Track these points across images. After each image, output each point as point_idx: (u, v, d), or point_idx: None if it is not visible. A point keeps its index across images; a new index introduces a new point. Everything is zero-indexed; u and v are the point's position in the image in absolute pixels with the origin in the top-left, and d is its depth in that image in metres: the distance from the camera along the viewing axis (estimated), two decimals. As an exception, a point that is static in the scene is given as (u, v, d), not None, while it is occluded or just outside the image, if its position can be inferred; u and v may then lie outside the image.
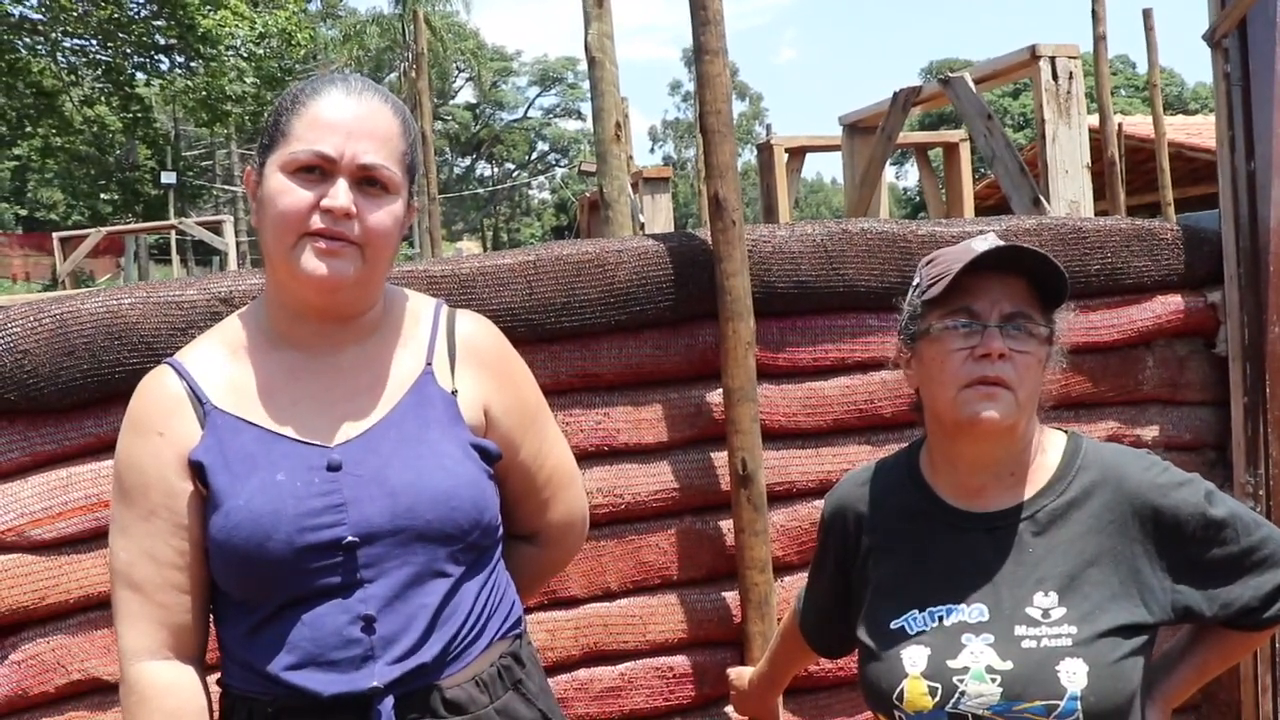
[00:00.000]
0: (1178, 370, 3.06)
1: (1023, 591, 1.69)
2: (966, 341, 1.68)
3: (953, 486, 1.79)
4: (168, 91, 25.30)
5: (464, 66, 56.88)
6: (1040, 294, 1.73)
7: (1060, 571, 1.69)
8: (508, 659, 1.73)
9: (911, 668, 1.70)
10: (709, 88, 2.64)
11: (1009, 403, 1.67)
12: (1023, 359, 1.68)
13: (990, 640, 1.66)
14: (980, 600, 1.70)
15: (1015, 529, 1.73)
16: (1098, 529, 1.70)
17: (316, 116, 1.61)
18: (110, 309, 2.38)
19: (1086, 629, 1.64)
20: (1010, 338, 1.68)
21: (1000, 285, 1.70)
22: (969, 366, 1.67)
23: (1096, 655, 1.63)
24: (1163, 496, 1.70)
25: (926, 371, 1.74)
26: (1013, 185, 5.19)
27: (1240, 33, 3.02)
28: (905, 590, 1.77)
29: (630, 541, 2.67)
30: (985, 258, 1.68)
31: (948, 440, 1.76)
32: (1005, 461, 1.75)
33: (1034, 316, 1.71)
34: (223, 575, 1.63)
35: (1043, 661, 1.63)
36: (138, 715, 1.61)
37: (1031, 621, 1.66)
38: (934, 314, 1.72)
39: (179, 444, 1.64)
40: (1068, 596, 1.67)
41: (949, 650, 1.68)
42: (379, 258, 1.64)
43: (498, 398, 1.78)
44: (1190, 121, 16.01)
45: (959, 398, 1.68)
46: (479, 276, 2.55)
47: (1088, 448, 1.78)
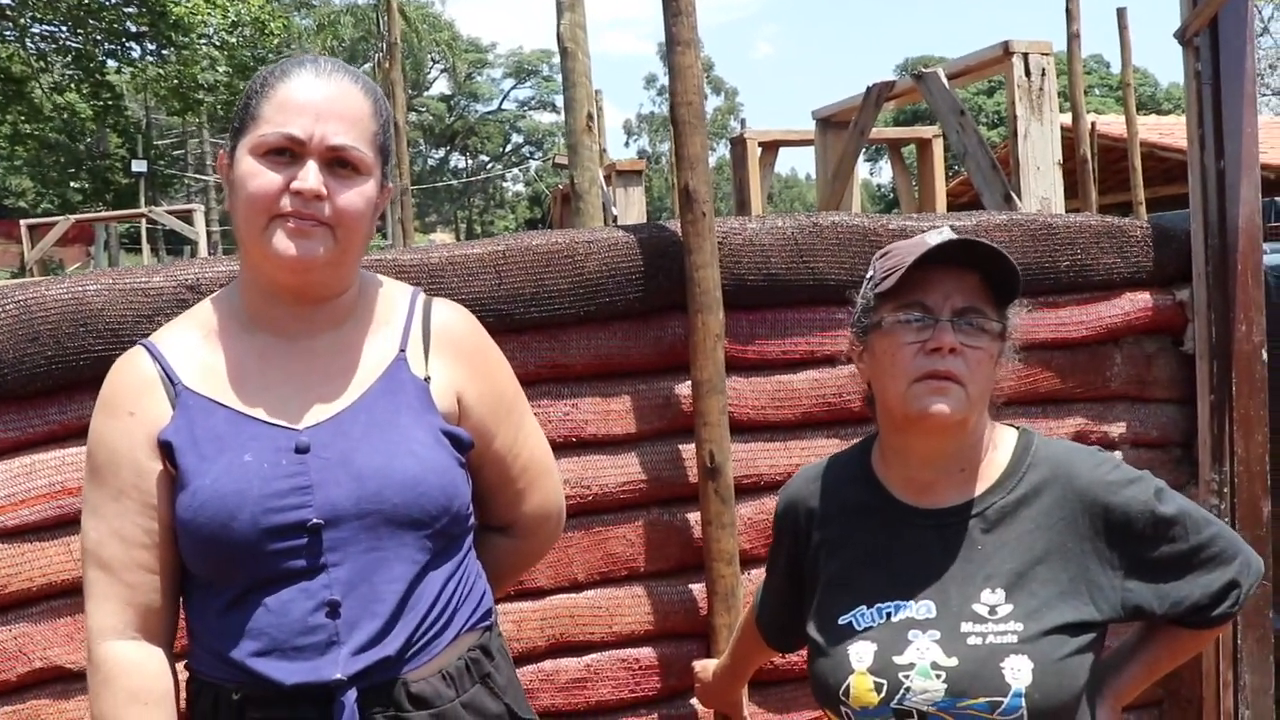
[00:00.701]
0: (1145, 367, 3.07)
1: (970, 588, 1.69)
2: (918, 335, 1.68)
3: (903, 482, 1.78)
4: (139, 79, 25.14)
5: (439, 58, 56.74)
6: (994, 289, 1.73)
7: (1008, 569, 1.69)
8: (476, 652, 1.72)
9: (858, 663, 1.69)
10: (680, 79, 2.63)
11: (959, 397, 1.66)
12: (974, 354, 1.68)
13: (937, 637, 1.66)
14: (928, 597, 1.70)
15: (964, 526, 1.73)
16: (1047, 526, 1.70)
17: (286, 99, 1.61)
18: (76, 295, 2.35)
19: (1033, 626, 1.64)
20: (962, 332, 1.67)
21: (953, 280, 1.70)
22: (920, 360, 1.67)
23: (1042, 652, 1.63)
24: (1112, 494, 1.70)
25: (878, 365, 1.74)
26: (984, 181, 5.21)
27: (1212, 31, 3.03)
28: (854, 586, 1.77)
29: (597, 533, 2.66)
30: (939, 251, 1.68)
31: (898, 434, 1.76)
32: (955, 457, 1.75)
33: (986, 312, 1.71)
34: (189, 555, 1.63)
35: (987, 658, 1.63)
36: (102, 694, 1.61)
37: (978, 618, 1.66)
38: (886, 307, 1.72)
39: (149, 424, 1.64)
40: (1015, 594, 1.67)
41: (895, 646, 1.68)
42: (350, 238, 1.64)
43: (472, 386, 1.77)
44: (1163, 121, 16.10)
45: (909, 391, 1.67)
46: (448, 266, 2.54)
47: (1038, 445, 1.78)
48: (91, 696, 1.63)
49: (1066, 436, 2.97)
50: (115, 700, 1.60)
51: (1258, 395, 3.03)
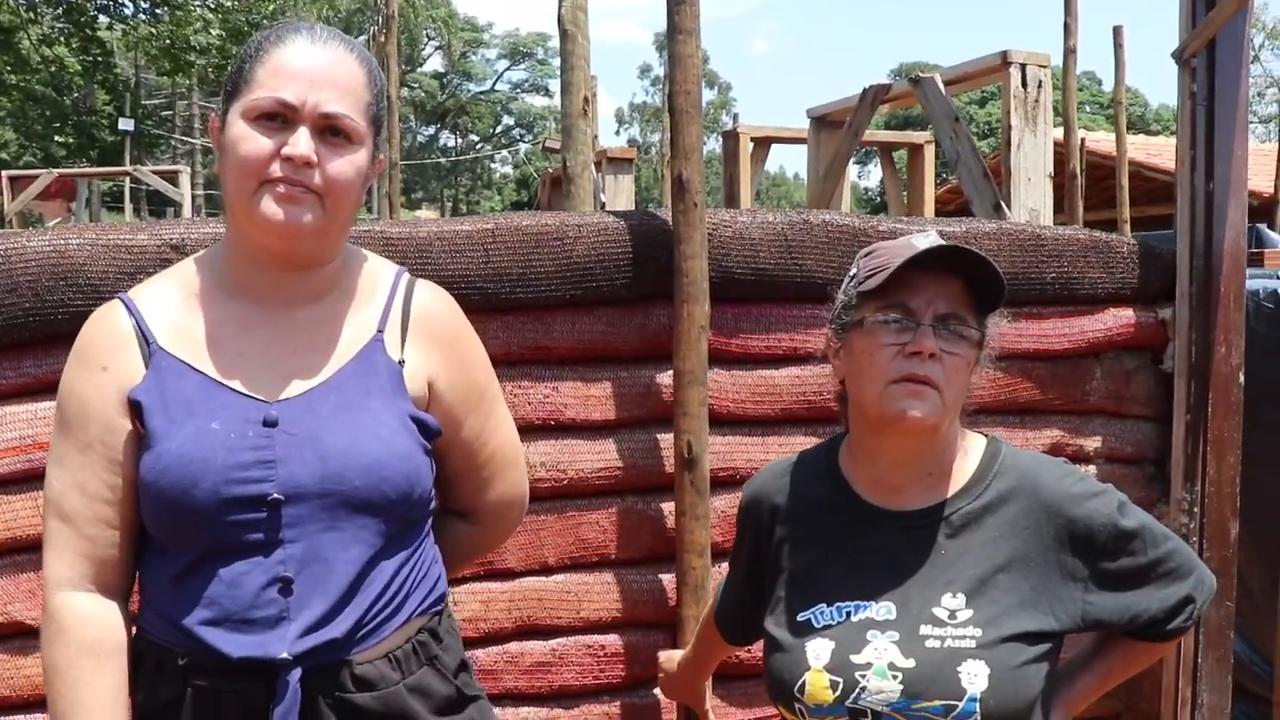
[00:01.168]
0: (1124, 383, 3.09)
1: (931, 592, 1.69)
2: (898, 337, 1.68)
3: (871, 482, 1.78)
4: (130, 37, 24.92)
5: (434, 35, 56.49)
6: (976, 297, 1.73)
7: (970, 574, 1.69)
8: (424, 635, 1.72)
9: (815, 661, 1.69)
10: (680, 67, 2.62)
11: (935, 402, 1.67)
12: (952, 360, 1.68)
13: (895, 638, 1.67)
14: (889, 598, 1.70)
15: (929, 529, 1.73)
16: (1011, 534, 1.71)
17: (280, 64, 1.60)
18: (57, 248, 2.33)
19: (991, 632, 1.65)
20: (942, 338, 1.67)
21: (937, 285, 1.70)
22: (898, 362, 1.67)
23: (999, 659, 1.63)
24: (1076, 505, 1.71)
25: (855, 363, 1.74)
26: (975, 189, 5.22)
27: (1209, 53, 3.05)
28: (815, 584, 1.77)
29: (571, 518, 2.66)
30: (925, 255, 1.68)
31: (870, 434, 1.76)
32: (925, 461, 1.75)
33: (967, 319, 1.71)
34: (148, 517, 1.63)
35: (945, 661, 1.63)
36: (55, 644, 1.60)
37: (937, 622, 1.67)
38: (868, 306, 1.72)
39: (121, 380, 1.63)
40: (975, 599, 1.67)
41: (853, 645, 1.68)
42: (339, 207, 1.63)
43: (445, 373, 1.77)
44: (1151, 141, 16.22)
45: (886, 392, 1.67)
46: (436, 241, 2.52)
47: (1006, 453, 1.79)
48: (44, 645, 1.62)
49: (1043, 447, 2.98)
50: (68, 651, 1.60)
51: (1233, 417, 3.05)
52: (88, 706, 1.58)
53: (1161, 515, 3.11)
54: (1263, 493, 3.18)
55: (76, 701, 1.58)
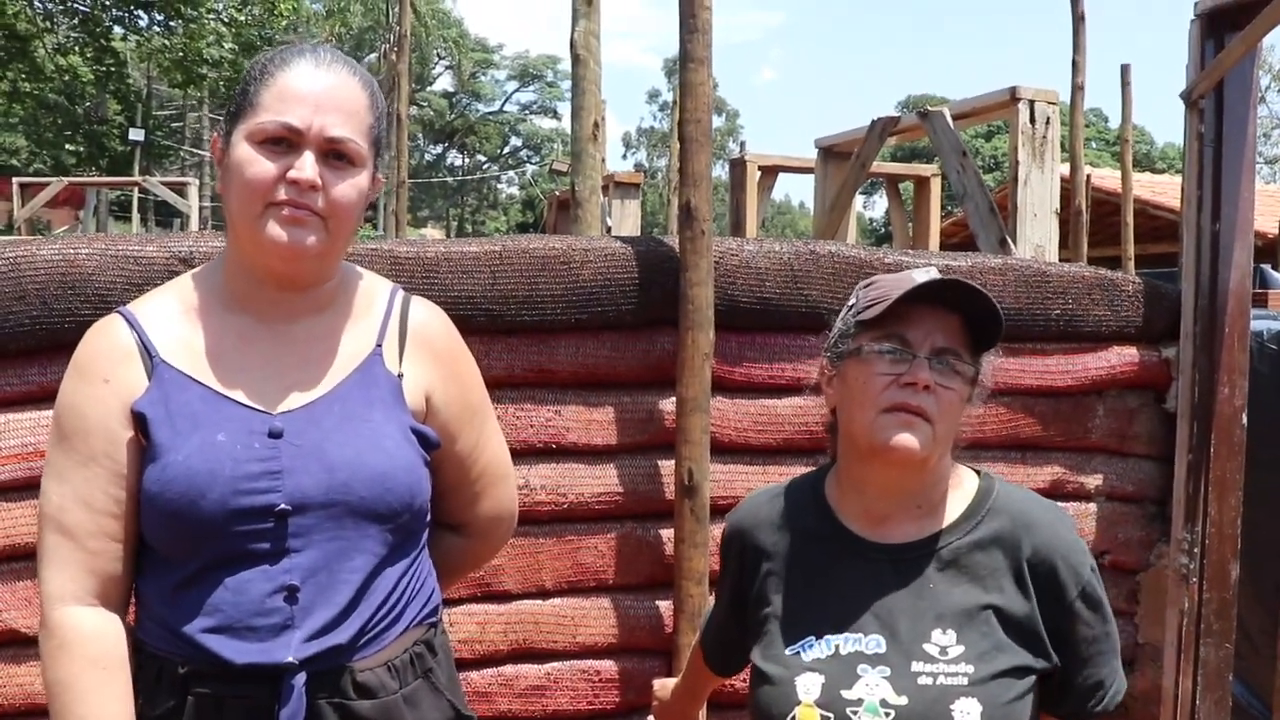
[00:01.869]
0: (1127, 422, 3.09)
1: (921, 627, 1.68)
2: (894, 368, 1.67)
3: (858, 513, 1.77)
4: (144, 48, 25.06)
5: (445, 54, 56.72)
6: (973, 334, 1.73)
7: (959, 610, 1.68)
8: (420, 647, 1.73)
9: (805, 695, 1.67)
10: (691, 96, 2.64)
11: (926, 433, 1.66)
12: (946, 394, 1.67)
13: (886, 673, 1.65)
14: (878, 632, 1.69)
15: (919, 563, 1.72)
16: (1000, 573, 1.69)
17: (285, 88, 1.62)
18: (66, 258, 2.34)
19: (983, 669, 1.63)
20: (937, 372, 1.67)
21: (935, 319, 1.70)
22: (892, 392, 1.66)
23: (991, 695, 1.62)
24: (1063, 558, 1.69)
25: (848, 391, 1.73)
26: (981, 224, 5.23)
27: (1217, 95, 3.06)
28: (803, 616, 1.75)
29: (569, 541, 2.65)
30: (925, 289, 1.68)
31: (860, 464, 1.75)
32: (914, 493, 1.74)
33: (963, 355, 1.70)
34: (152, 529, 1.62)
35: (938, 699, 1.62)
36: (59, 659, 1.59)
37: (929, 658, 1.65)
38: (866, 336, 1.71)
39: (124, 393, 1.63)
40: (965, 635, 1.66)
41: (844, 680, 1.66)
42: (341, 229, 1.65)
43: (441, 387, 1.78)
44: (1157, 180, 16.24)
45: (877, 421, 1.66)
46: (444, 261, 2.53)
47: (1000, 491, 1.77)
48: (46, 662, 1.61)
49: (1044, 484, 2.98)
50: (73, 666, 1.58)
51: (1235, 458, 3.04)
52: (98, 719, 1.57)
53: (1162, 555, 3.10)
54: (1263, 535, 3.17)
55: (85, 716, 1.57)
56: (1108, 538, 3.06)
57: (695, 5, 2.62)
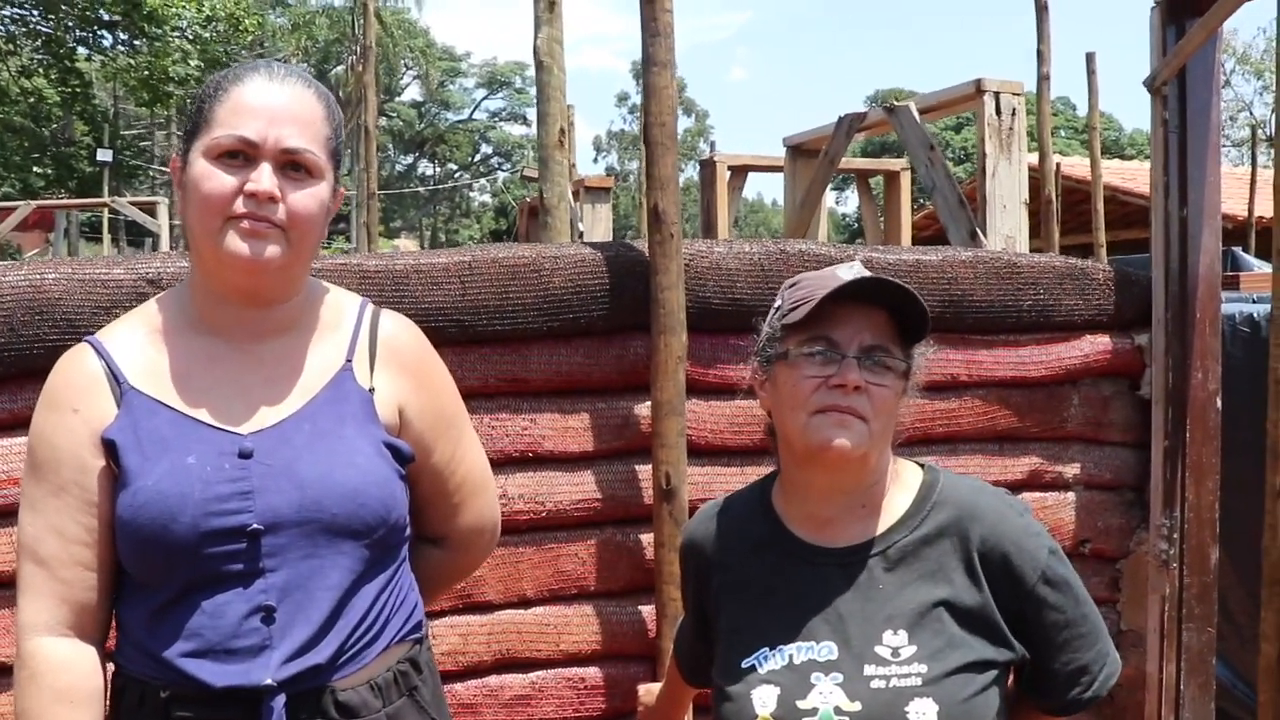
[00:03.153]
0: (1101, 410, 3.10)
1: (872, 629, 1.66)
2: (822, 370, 1.64)
3: (804, 518, 1.75)
4: (109, 68, 24.89)
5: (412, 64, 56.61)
6: (902, 327, 1.71)
7: (910, 609, 1.66)
8: (405, 664, 1.72)
9: (761, 708, 1.65)
10: (655, 99, 2.63)
11: (861, 432, 1.63)
12: (878, 392, 1.65)
13: (839, 680, 1.63)
14: (830, 638, 1.67)
15: (866, 564, 1.69)
16: (950, 567, 1.67)
17: (239, 102, 1.62)
18: (33, 283, 2.32)
19: (936, 667, 1.62)
20: (867, 370, 1.64)
21: (862, 316, 1.67)
22: (822, 394, 1.63)
23: (946, 694, 1.60)
24: (1014, 544, 1.67)
25: (780, 396, 1.70)
26: (950, 217, 5.24)
27: (1180, 81, 3.07)
28: (755, 627, 1.73)
29: (549, 550, 2.64)
30: (849, 287, 1.66)
31: (798, 468, 1.73)
32: (856, 493, 1.72)
33: (893, 350, 1.68)
34: (127, 555, 1.62)
35: (891, 702, 1.60)
36: (28, 690, 1.59)
37: (881, 660, 1.63)
38: (793, 339, 1.69)
39: (94, 422, 1.62)
40: (917, 634, 1.64)
41: (798, 690, 1.64)
42: (303, 241, 1.64)
43: (414, 400, 1.77)
44: (1126, 166, 16.34)
45: (810, 423, 1.64)
46: (413, 274, 2.52)
47: (945, 483, 1.75)
48: (16, 692, 1.60)
49: (1022, 474, 2.99)
50: (41, 698, 1.58)
51: (1211, 442, 3.06)
52: None
53: (1141, 542, 3.12)
54: (1241, 517, 3.18)
55: None
56: (1087, 526, 3.07)
57: (656, 9, 2.61)
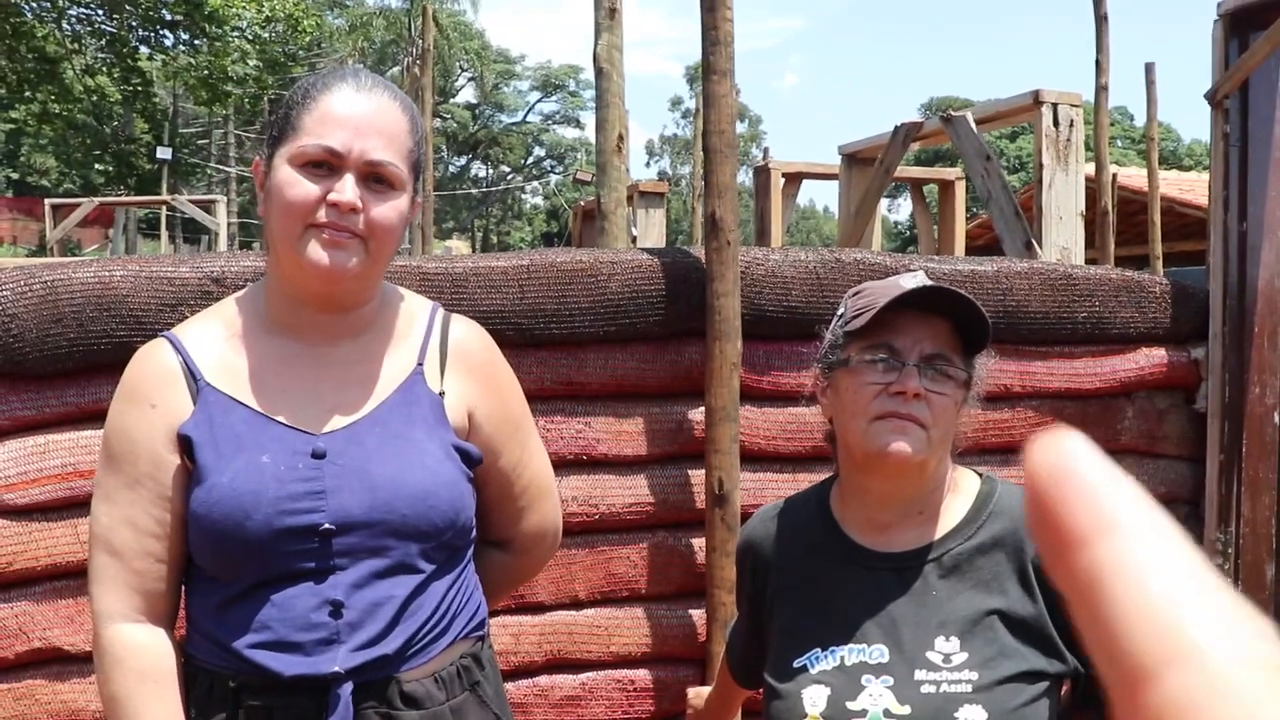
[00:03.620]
0: (1156, 423, 3.08)
1: (924, 634, 1.66)
2: (884, 377, 1.66)
3: (861, 523, 1.76)
4: (170, 67, 25.28)
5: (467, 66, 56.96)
6: (963, 337, 1.72)
7: (963, 616, 1.66)
8: (468, 659, 1.75)
9: (811, 708, 1.67)
10: (714, 108, 2.65)
11: (921, 439, 1.64)
12: (939, 400, 1.66)
13: (890, 683, 1.64)
14: (882, 641, 1.68)
15: (921, 570, 1.71)
16: (1003, 577, 1.68)
17: (326, 112, 1.64)
18: (102, 280, 2.38)
19: (988, 675, 1.62)
20: (928, 378, 1.65)
21: (924, 325, 1.68)
22: (883, 401, 1.65)
23: (997, 702, 1.60)
24: None
25: (840, 402, 1.72)
26: (1006, 227, 5.21)
27: (1242, 94, 3.05)
28: (809, 628, 1.75)
29: (602, 552, 2.67)
30: (911, 296, 1.67)
31: (858, 473, 1.74)
32: (914, 499, 1.73)
33: (954, 360, 1.69)
34: (199, 550, 1.65)
35: (941, 707, 1.60)
36: (113, 675, 1.63)
37: (932, 666, 1.64)
38: (855, 346, 1.70)
39: (170, 416, 1.66)
40: (969, 641, 1.64)
41: (849, 691, 1.66)
42: (382, 251, 1.67)
43: (483, 404, 1.80)
44: (1184, 177, 16.09)
45: (870, 429, 1.65)
46: (472, 277, 2.56)
47: (1001, 493, 1.76)
48: (101, 679, 1.64)
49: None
50: (127, 680, 1.62)
51: (1268, 458, 3.03)
52: None
53: (1194, 556, 3.09)
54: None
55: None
56: (1140, 540, 3.05)
57: (717, 18, 2.63)
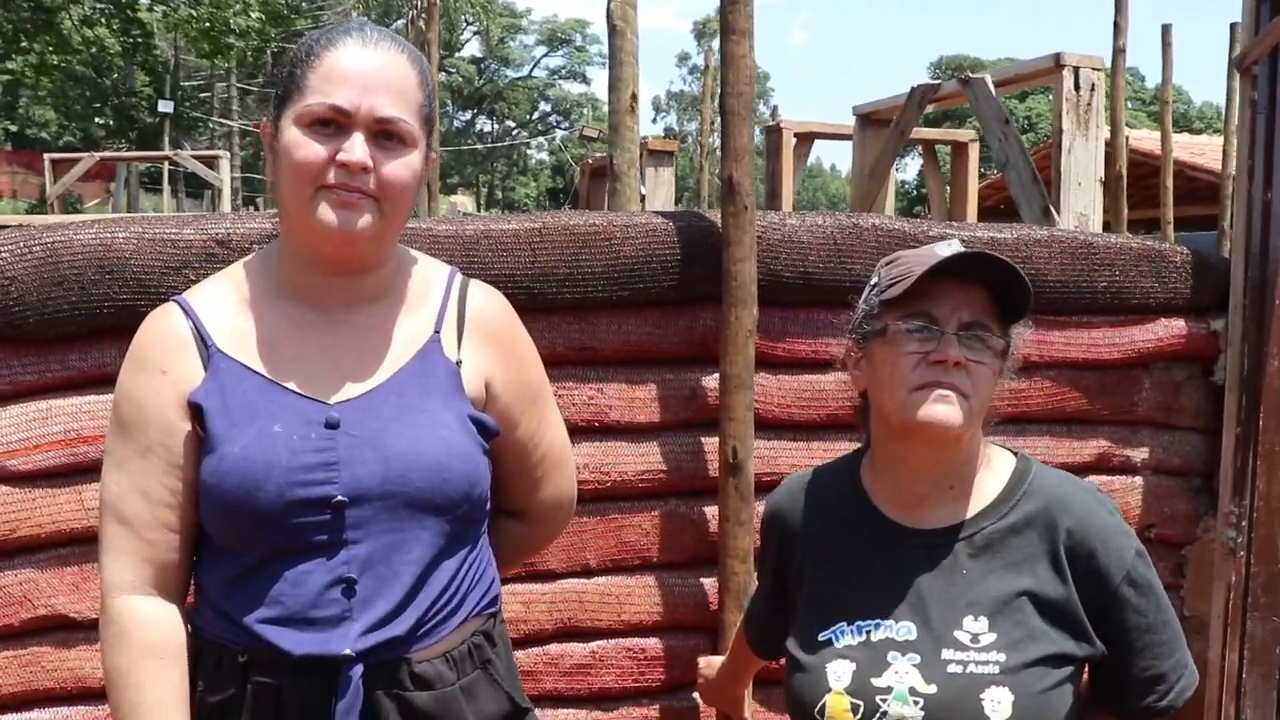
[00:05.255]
0: (1173, 394, 3.04)
1: (953, 613, 1.65)
2: (922, 346, 1.64)
3: (892, 496, 1.74)
4: (170, 19, 25.08)
5: (472, 20, 56.58)
6: (1000, 306, 1.69)
7: (993, 596, 1.64)
8: (479, 637, 1.72)
9: (835, 682, 1.66)
10: (732, 68, 2.59)
11: (961, 407, 1.62)
12: (978, 369, 1.64)
13: (916, 660, 1.63)
14: (909, 618, 1.66)
15: (951, 548, 1.69)
16: (1035, 558, 1.66)
17: (332, 69, 1.59)
18: (103, 242, 2.33)
19: (1015, 657, 1.61)
20: (966, 346, 1.63)
21: (961, 293, 1.66)
22: (922, 370, 1.63)
23: (1023, 685, 1.59)
24: (1100, 540, 1.65)
25: (877, 372, 1.70)
26: (1023, 193, 5.16)
27: (1270, 61, 2.99)
28: (835, 601, 1.73)
29: (613, 520, 2.64)
30: (949, 263, 1.64)
31: (893, 444, 1.72)
32: (948, 472, 1.71)
33: (992, 328, 1.67)
34: (210, 520, 1.62)
35: (967, 688, 1.59)
36: (117, 647, 1.60)
37: (959, 645, 1.62)
38: (891, 315, 1.68)
39: (181, 383, 1.62)
40: (998, 622, 1.63)
41: (874, 668, 1.64)
42: (396, 211, 1.62)
43: (500, 373, 1.76)
44: (1195, 141, 16.00)
45: (909, 399, 1.63)
46: (483, 240, 2.51)
47: (1036, 473, 1.74)
48: (105, 650, 1.62)
49: (1090, 457, 2.95)
50: (130, 654, 1.60)
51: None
52: (152, 707, 1.58)
53: (1208, 528, 3.07)
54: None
55: (140, 703, 1.58)
56: (1154, 511, 3.03)
57: (736, -25, 2.57)
